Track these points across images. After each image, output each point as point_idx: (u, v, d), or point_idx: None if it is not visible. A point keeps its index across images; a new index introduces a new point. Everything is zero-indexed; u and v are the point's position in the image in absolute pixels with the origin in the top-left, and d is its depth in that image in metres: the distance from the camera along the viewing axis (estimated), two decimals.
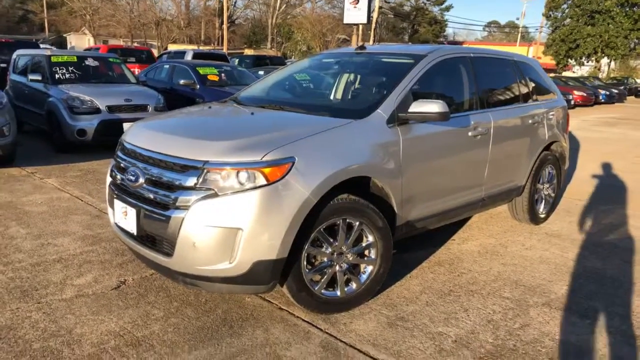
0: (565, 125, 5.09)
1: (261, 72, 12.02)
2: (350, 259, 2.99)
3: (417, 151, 3.30)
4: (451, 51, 3.83)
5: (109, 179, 3.33)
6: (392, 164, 3.13)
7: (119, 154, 3.26)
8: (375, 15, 25.89)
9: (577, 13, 40.98)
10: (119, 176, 3.13)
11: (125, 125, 7.75)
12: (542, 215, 4.90)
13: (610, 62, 44.61)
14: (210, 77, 9.73)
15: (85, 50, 16.95)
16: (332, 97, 3.99)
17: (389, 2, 55.39)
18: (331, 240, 2.91)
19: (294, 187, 2.64)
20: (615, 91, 27.39)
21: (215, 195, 2.61)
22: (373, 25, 27.98)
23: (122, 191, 3.05)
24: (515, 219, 4.89)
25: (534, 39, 64.10)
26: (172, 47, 27.21)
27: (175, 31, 44.37)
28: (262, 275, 2.68)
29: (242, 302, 3.11)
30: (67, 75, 8.24)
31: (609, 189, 6.72)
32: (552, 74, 31.50)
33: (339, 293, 2.99)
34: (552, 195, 5.03)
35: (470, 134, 3.72)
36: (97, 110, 7.55)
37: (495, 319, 3.03)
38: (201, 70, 9.77)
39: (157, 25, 42.46)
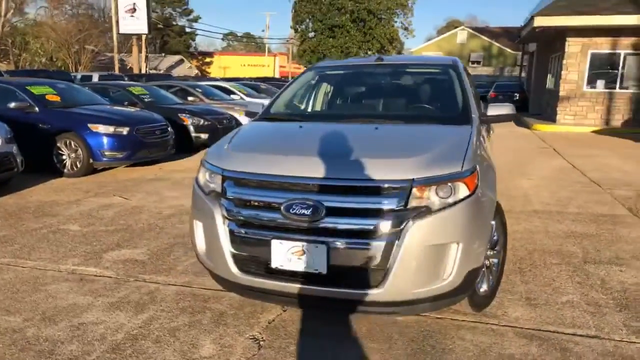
0: None
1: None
2: (490, 254, 3.22)
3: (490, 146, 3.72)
4: (457, 60, 4.31)
5: (224, 224, 2.77)
6: (492, 160, 3.45)
7: (244, 190, 2.75)
8: None
9: (320, 27, 46.43)
10: (261, 215, 2.67)
11: None
12: None
13: None
14: (49, 97, 8.06)
15: None
16: (406, 107, 3.99)
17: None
18: None
19: (486, 194, 2.76)
20: None
21: (429, 212, 2.54)
22: (144, 37, 26.44)
23: (284, 230, 2.61)
24: None
25: (270, 50, 68.97)
26: None
27: None
28: (470, 284, 2.73)
29: (400, 322, 3.01)
30: None
31: None
32: None
33: (486, 287, 3.18)
34: None
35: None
36: None
37: (580, 281, 3.66)
38: (34, 90, 8.01)
39: None
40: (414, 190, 2.54)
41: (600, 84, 15.64)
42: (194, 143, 10.05)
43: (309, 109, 4.03)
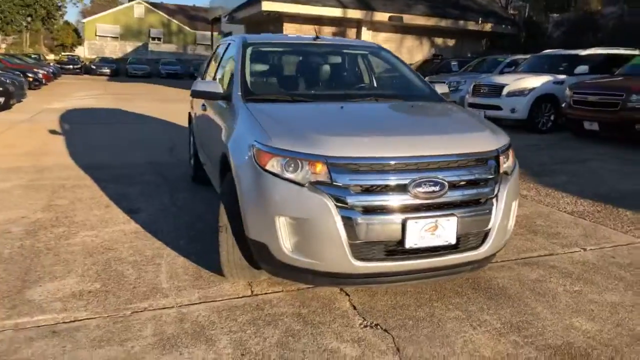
0: None
1: None
2: None
3: None
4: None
5: (338, 213, 2.55)
6: None
7: (360, 175, 2.60)
8: None
9: None
10: (388, 198, 2.62)
11: None
12: None
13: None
14: None
15: None
16: (368, 84, 3.95)
17: None
18: None
19: None
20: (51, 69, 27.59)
21: (507, 176, 3.03)
22: None
23: (416, 210, 2.65)
24: None
25: None
26: None
27: None
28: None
29: (445, 279, 3.38)
30: None
31: None
32: None
33: None
34: None
35: None
36: None
37: None
38: None
39: None
40: (501, 158, 2.96)
41: None
42: None
43: (296, 89, 3.74)
